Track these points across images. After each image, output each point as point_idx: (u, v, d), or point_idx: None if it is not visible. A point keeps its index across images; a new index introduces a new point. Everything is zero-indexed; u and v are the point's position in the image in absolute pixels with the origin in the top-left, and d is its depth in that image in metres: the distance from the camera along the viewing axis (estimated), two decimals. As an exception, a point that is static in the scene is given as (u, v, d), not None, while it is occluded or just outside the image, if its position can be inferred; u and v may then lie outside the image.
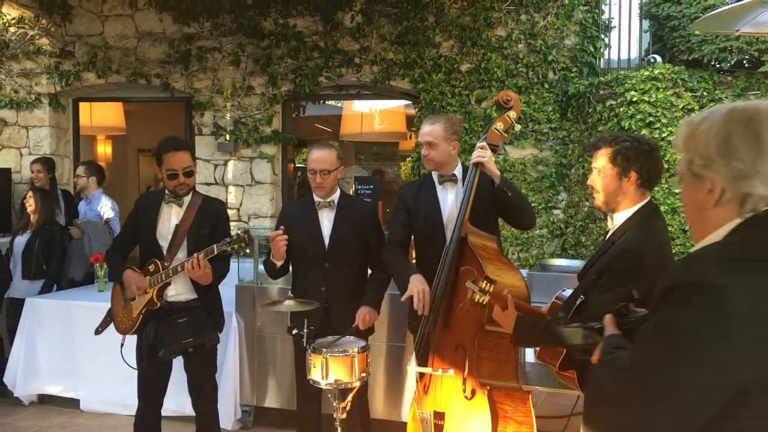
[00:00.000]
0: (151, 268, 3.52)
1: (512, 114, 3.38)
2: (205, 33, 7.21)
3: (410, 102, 7.53)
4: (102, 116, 9.34)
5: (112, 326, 3.75)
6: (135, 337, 3.62)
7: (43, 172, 6.31)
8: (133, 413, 3.70)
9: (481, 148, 3.26)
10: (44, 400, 5.16)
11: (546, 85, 6.64)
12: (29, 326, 5.06)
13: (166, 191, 3.62)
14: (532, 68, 6.66)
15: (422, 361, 3.24)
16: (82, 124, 8.13)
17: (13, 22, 7.34)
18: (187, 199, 3.61)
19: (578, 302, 2.46)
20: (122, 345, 3.59)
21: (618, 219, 2.53)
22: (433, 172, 3.57)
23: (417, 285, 3.17)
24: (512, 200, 3.31)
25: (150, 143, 11.33)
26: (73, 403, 5.01)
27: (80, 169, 6.36)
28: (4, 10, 7.33)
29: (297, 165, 10.49)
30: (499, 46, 6.72)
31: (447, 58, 6.80)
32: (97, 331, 3.80)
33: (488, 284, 2.70)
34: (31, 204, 5.64)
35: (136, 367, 3.59)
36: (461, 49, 6.79)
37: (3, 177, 7.29)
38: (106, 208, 6.13)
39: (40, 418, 4.89)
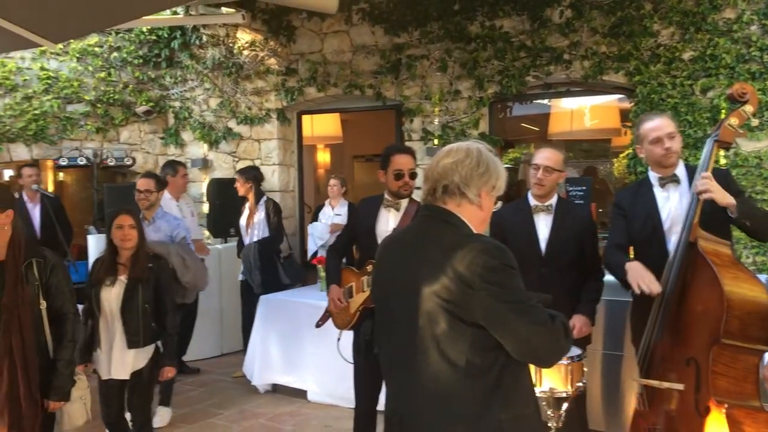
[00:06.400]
0: (369, 268, 3.72)
1: (748, 108, 3.11)
2: (413, 42, 7.43)
3: (623, 96, 7.13)
4: (321, 127, 10.05)
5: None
6: (352, 332, 3.83)
7: (240, 180, 6.34)
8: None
9: (707, 179, 2.94)
10: (277, 389, 5.66)
11: (785, 69, 5.91)
12: (263, 321, 5.60)
13: (386, 196, 3.80)
14: (767, 51, 5.97)
15: (646, 373, 3.06)
16: (304, 135, 8.80)
17: (246, 45, 8.15)
18: (404, 204, 3.77)
19: None
20: (339, 339, 3.82)
21: None
22: (651, 174, 3.36)
23: (636, 274, 3.01)
24: (751, 228, 3.02)
25: (362, 150, 11.72)
26: (301, 394, 5.43)
27: (147, 183, 5.03)
28: (239, 35, 8.18)
29: (505, 166, 10.39)
30: (727, 29, 6.10)
31: (667, 47, 6.33)
32: (318, 325, 4.10)
33: None
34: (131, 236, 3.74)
35: (352, 361, 3.80)
36: (683, 36, 6.27)
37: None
38: (177, 226, 5.14)
39: (274, 406, 5.36)
